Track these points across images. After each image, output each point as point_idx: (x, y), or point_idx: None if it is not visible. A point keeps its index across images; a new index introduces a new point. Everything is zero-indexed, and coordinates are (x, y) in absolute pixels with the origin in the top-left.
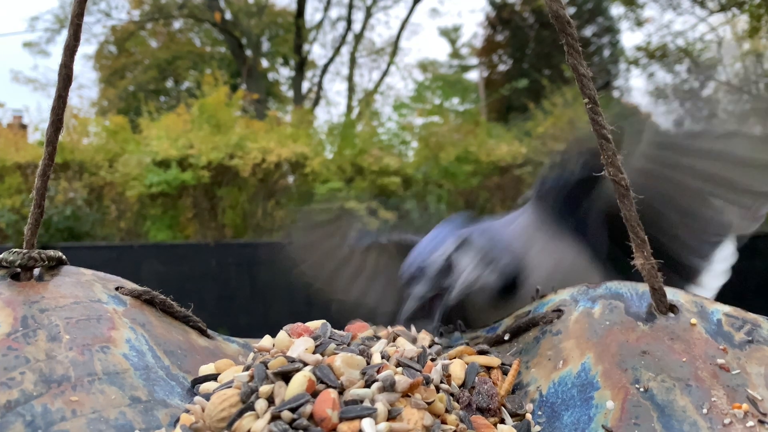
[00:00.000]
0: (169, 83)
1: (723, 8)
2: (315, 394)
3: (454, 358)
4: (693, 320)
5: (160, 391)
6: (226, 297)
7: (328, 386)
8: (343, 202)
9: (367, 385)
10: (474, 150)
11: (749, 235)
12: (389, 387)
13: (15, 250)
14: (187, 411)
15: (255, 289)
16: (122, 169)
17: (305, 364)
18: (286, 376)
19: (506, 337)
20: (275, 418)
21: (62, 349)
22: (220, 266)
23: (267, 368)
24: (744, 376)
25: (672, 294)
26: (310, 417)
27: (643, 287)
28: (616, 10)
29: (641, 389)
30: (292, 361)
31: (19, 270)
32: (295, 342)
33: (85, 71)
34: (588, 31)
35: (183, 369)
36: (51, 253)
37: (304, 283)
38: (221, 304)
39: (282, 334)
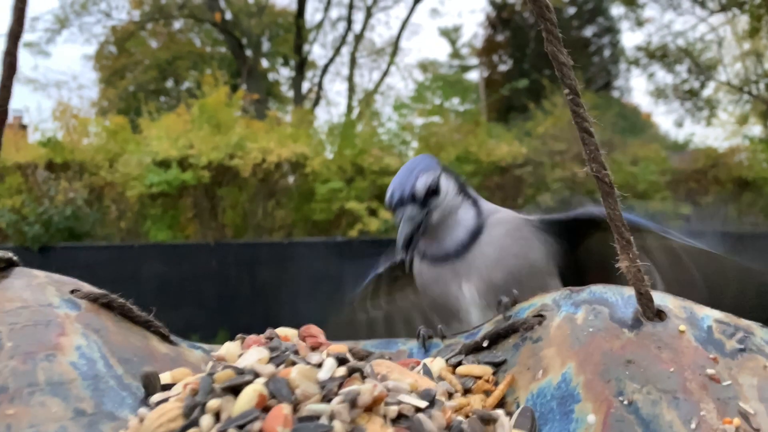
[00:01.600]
0: (169, 83)
1: (723, 8)
2: (267, 410)
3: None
4: (682, 327)
5: (108, 403)
6: (226, 297)
7: (281, 401)
8: (344, 203)
9: (326, 400)
10: (474, 150)
11: (749, 235)
12: (350, 401)
13: None
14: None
15: (255, 289)
16: (122, 169)
17: (257, 376)
18: (235, 390)
19: (485, 344)
20: None
21: (3, 358)
22: (220, 266)
23: (214, 381)
24: (735, 388)
25: (659, 299)
26: None
27: (630, 291)
28: (616, 10)
29: (625, 402)
30: (241, 373)
31: None
32: (246, 352)
33: (85, 71)
34: (588, 31)
35: (138, 378)
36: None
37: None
38: (221, 304)
39: (232, 343)
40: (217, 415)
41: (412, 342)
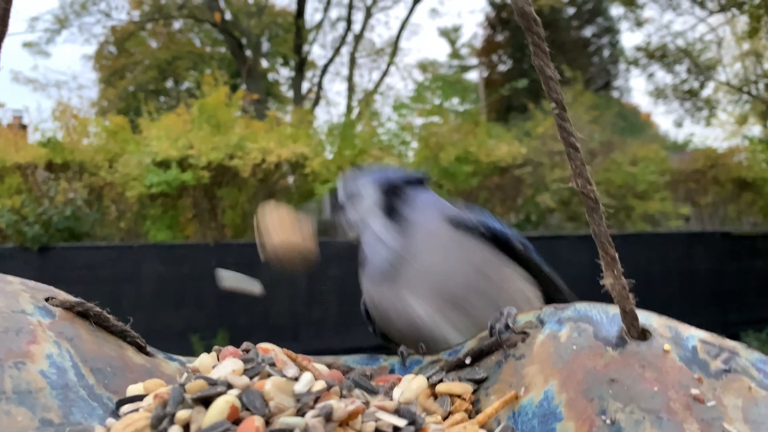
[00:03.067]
0: (169, 83)
1: (723, 9)
2: (238, 422)
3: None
4: (666, 346)
5: (77, 413)
6: (226, 297)
7: (254, 413)
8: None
9: (301, 413)
10: (474, 150)
11: (749, 236)
12: (325, 415)
13: None
14: None
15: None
16: (122, 170)
17: (231, 388)
18: (207, 401)
19: (467, 361)
20: None
21: None
22: (221, 266)
23: (185, 391)
24: (720, 409)
25: (644, 318)
26: None
27: (615, 310)
28: (616, 10)
29: (608, 421)
30: (213, 384)
31: None
32: (221, 363)
33: (85, 71)
34: (587, 32)
35: (110, 389)
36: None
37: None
38: (221, 304)
39: (207, 355)
40: (186, 427)
41: (394, 358)
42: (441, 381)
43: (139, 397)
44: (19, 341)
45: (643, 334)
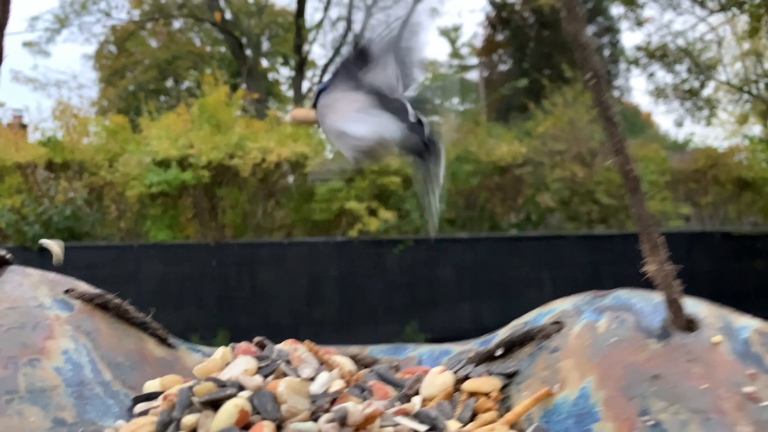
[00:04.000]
0: (169, 83)
1: (723, 8)
2: (248, 427)
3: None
4: (716, 338)
5: (92, 411)
6: (226, 297)
7: (265, 418)
8: (343, 203)
9: (314, 418)
10: (474, 150)
11: (749, 235)
12: (340, 420)
13: None
14: None
15: (255, 289)
16: (122, 169)
17: (242, 389)
18: (216, 404)
19: (499, 352)
20: None
21: None
22: (220, 266)
23: (193, 393)
24: None
25: (691, 306)
26: None
27: (658, 298)
28: (616, 10)
29: (650, 422)
30: (223, 385)
31: None
32: (233, 361)
33: (85, 71)
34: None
35: (127, 384)
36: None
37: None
38: (221, 304)
39: (224, 349)
40: None
41: (422, 348)
42: (468, 376)
43: (156, 395)
44: (35, 337)
45: (690, 325)
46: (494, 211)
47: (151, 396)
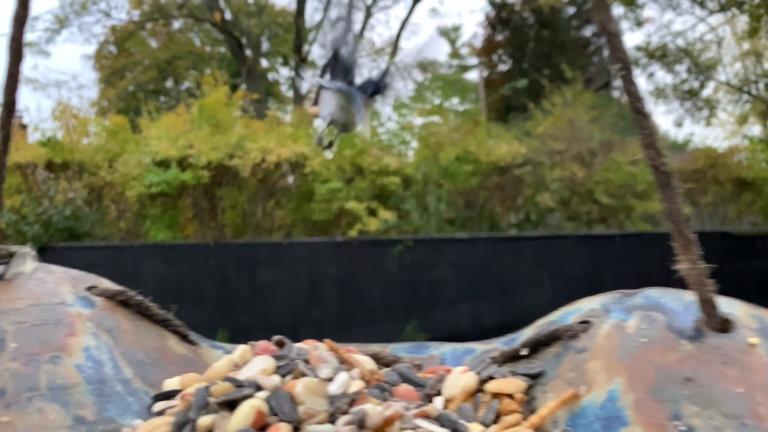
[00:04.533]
0: (169, 83)
1: (723, 8)
2: (264, 428)
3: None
4: (752, 339)
5: (112, 409)
6: (226, 297)
7: (282, 419)
8: (343, 203)
9: (332, 420)
10: (474, 150)
11: (749, 235)
12: (358, 422)
13: None
14: None
15: (255, 289)
16: (122, 169)
17: (259, 389)
18: (233, 404)
19: (524, 352)
20: None
21: (4, 360)
22: (220, 266)
23: (210, 393)
24: None
25: (726, 306)
26: None
27: (690, 297)
28: (616, 10)
29: (682, 427)
30: (239, 385)
31: None
32: (252, 361)
33: (84, 71)
34: (588, 31)
35: (148, 382)
36: (14, 248)
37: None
38: (221, 304)
39: (244, 347)
40: None
41: (444, 347)
42: (492, 377)
43: (175, 393)
44: (56, 334)
45: (725, 326)
46: (494, 211)
47: (171, 394)
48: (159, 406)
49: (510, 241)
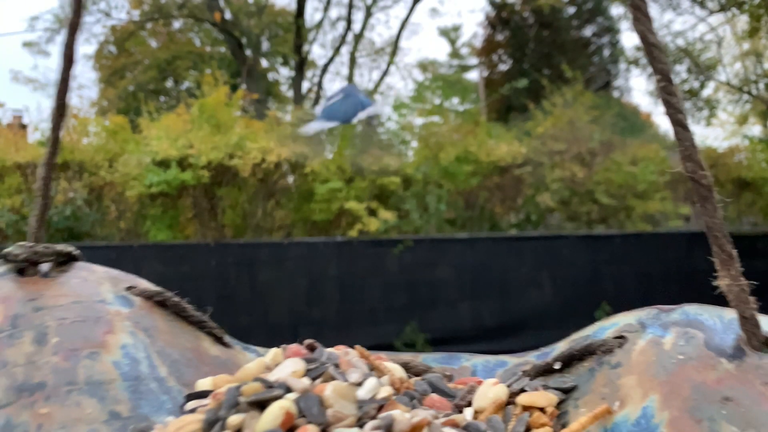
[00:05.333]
0: (169, 83)
1: (723, 8)
2: (292, 430)
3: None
4: None
5: (145, 406)
6: (226, 297)
7: (311, 421)
8: (343, 203)
9: (360, 424)
10: (474, 150)
11: (749, 235)
12: (386, 427)
13: (21, 243)
14: None
15: (255, 289)
16: (122, 169)
17: (289, 391)
18: (263, 405)
19: (556, 366)
20: None
21: (45, 354)
22: (220, 266)
23: (240, 393)
24: None
25: None
26: None
27: (731, 314)
28: (616, 10)
29: None
30: (270, 386)
31: (24, 264)
32: (282, 363)
33: (85, 71)
34: (588, 31)
35: (182, 381)
36: (60, 247)
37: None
38: (221, 304)
39: (276, 350)
40: None
41: (476, 358)
42: (523, 390)
43: (207, 393)
44: (96, 330)
45: (767, 344)
46: (494, 212)
47: (203, 394)
48: (191, 405)
49: (510, 241)
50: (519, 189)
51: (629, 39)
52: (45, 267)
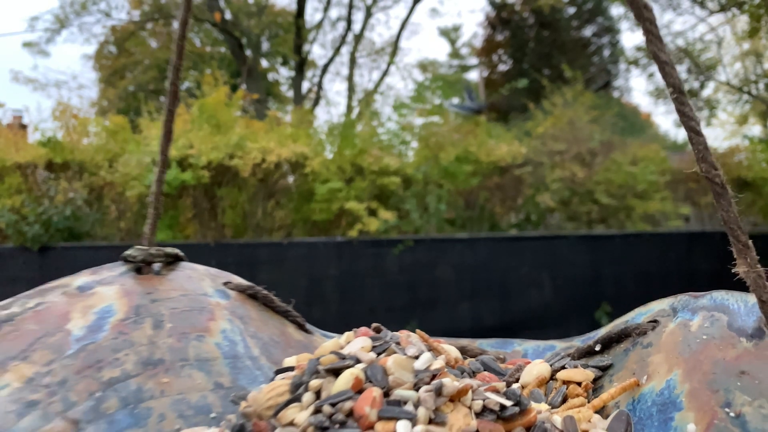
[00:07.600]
0: None
1: (723, 8)
2: (361, 392)
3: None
4: None
5: (243, 379)
6: None
7: (375, 385)
8: (343, 203)
9: (416, 388)
10: (474, 150)
11: (749, 236)
12: (436, 390)
13: (138, 246)
14: None
15: None
16: (122, 169)
17: (358, 362)
18: (337, 372)
19: (597, 348)
20: (318, 411)
21: (163, 336)
22: (220, 266)
23: (319, 363)
24: None
25: None
26: (351, 413)
27: (754, 299)
28: (616, 10)
29: (732, 414)
30: (343, 358)
31: (141, 264)
32: (353, 341)
33: (85, 71)
34: (588, 31)
35: (271, 360)
36: (169, 250)
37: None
38: None
39: (348, 333)
40: (317, 393)
41: (528, 343)
42: (564, 367)
43: (292, 368)
44: (201, 318)
45: None
46: (494, 212)
47: (289, 369)
48: (280, 377)
49: (510, 241)
50: (519, 189)
51: (629, 39)
52: (157, 266)
